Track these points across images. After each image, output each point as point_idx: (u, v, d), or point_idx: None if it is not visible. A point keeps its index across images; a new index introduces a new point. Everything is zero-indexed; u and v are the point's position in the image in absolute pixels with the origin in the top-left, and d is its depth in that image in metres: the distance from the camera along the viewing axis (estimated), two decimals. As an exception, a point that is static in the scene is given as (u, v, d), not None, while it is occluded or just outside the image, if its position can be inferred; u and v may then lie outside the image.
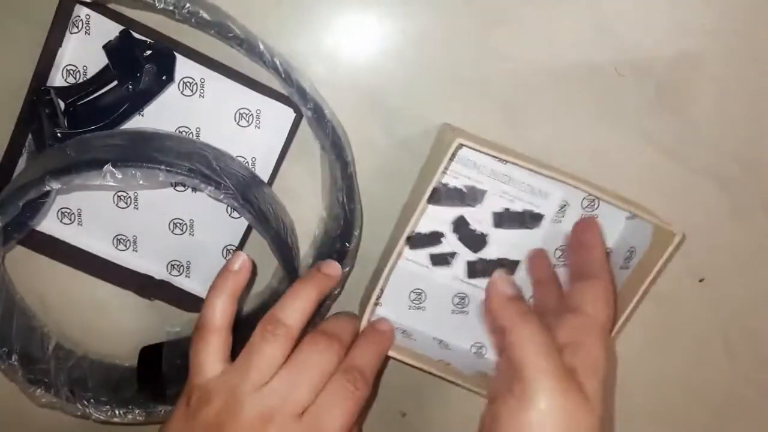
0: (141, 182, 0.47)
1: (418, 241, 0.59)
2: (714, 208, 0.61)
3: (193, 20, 0.48)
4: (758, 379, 0.66)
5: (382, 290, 0.53)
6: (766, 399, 0.67)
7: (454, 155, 0.49)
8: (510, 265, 0.60)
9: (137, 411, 0.57)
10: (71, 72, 0.56)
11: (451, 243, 0.59)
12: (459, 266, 0.60)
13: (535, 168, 0.50)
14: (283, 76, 0.50)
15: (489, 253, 0.59)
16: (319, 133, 0.54)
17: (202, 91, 0.56)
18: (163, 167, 0.48)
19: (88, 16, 0.54)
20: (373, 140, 0.59)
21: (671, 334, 0.65)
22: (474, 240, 0.59)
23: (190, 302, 0.62)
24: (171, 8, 0.47)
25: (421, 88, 0.58)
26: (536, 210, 0.58)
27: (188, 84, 0.56)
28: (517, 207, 0.58)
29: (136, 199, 0.60)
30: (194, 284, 0.62)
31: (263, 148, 0.58)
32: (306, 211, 0.60)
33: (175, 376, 0.56)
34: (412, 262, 0.60)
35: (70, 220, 0.60)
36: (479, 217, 0.58)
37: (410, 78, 0.58)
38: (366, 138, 0.58)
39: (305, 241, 0.61)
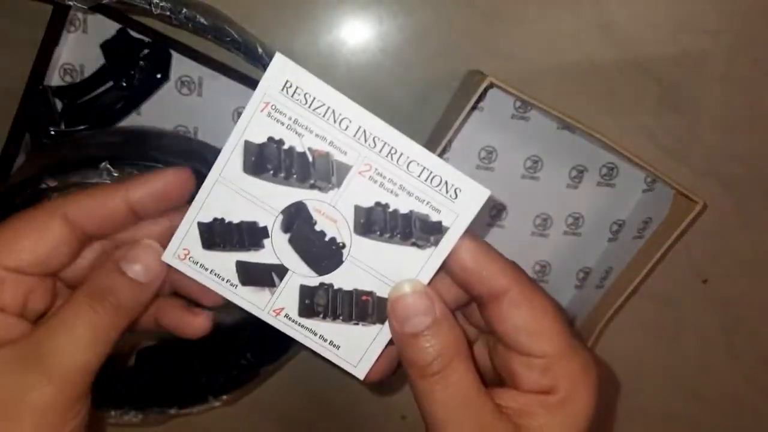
0: (137, 180, 0.47)
1: (219, 234, 0.34)
2: (717, 208, 0.60)
3: (189, 25, 0.47)
4: (760, 380, 0.66)
5: None
6: (766, 399, 0.66)
7: (482, 96, 0.48)
8: (377, 308, 0.35)
9: (133, 412, 0.57)
10: (68, 71, 0.55)
11: (280, 249, 0.35)
12: (289, 295, 0.35)
13: (568, 119, 0.49)
14: None
15: (342, 279, 0.35)
16: None
17: (199, 89, 0.56)
18: (159, 166, 0.47)
19: (85, 15, 0.54)
20: None
21: (674, 334, 0.64)
22: (318, 252, 0.35)
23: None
24: (167, 13, 0.46)
25: (422, 87, 0.57)
26: (435, 217, 0.33)
27: (186, 83, 0.56)
28: (404, 205, 0.33)
29: None
30: None
31: None
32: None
33: (172, 377, 0.56)
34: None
35: None
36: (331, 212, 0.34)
37: (410, 77, 0.57)
38: None
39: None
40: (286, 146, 0.33)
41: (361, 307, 0.35)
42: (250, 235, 0.34)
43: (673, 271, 0.61)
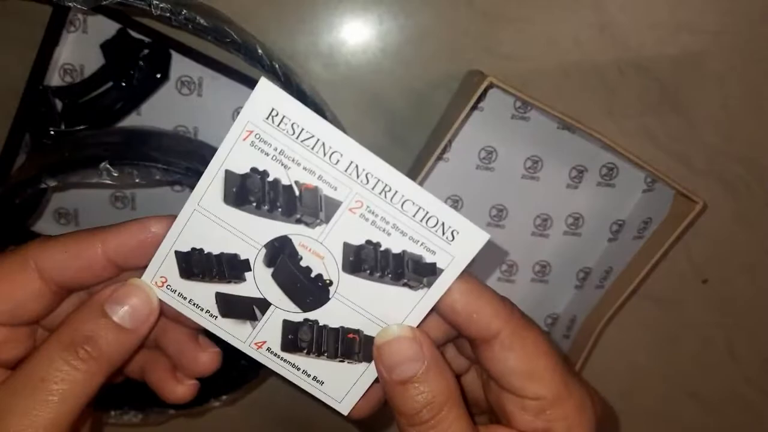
0: (137, 180, 0.46)
1: (197, 264, 0.33)
2: (717, 208, 0.60)
3: (189, 26, 0.47)
4: (761, 380, 0.66)
5: None
6: (766, 399, 0.66)
7: (482, 96, 0.48)
8: (363, 345, 0.34)
9: (133, 412, 0.57)
10: (68, 71, 0.55)
11: (262, 282, 0.33)
12: (271, 329, 0.34)
13: (568, 119, 0.49)
14: (282, 80, 0.50)
15: (328, 316, 0.33)
16: None
17: (199, 90, 0.56)
18: (159, 166, 0.47)
19: (85, 16, 0.54)
20: (373, 139, 0.58)
21: (674, 334, 0.64)
22: (303, 288, 0.34)
23: None
24: (167, 15, 0.46)
25: (422, 87, 0.57)
26: (429, 258, 0.31)
27: (186, 83, 0.56)
28: (396, 245, 0.32)
29: (133, 200, 0.59)
30: None
31: None
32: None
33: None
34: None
35: (67, 220, 0.60)
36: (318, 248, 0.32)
37: (410, 77, 0.57)
38: (366, 137, 0.58)
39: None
40: (270, 178, 0.31)
41: (347, 345, 0.34)
42: (231, 267, 0.32)
43: (673, 272, 0.61)
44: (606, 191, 0.58)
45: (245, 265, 0.33)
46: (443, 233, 0.31)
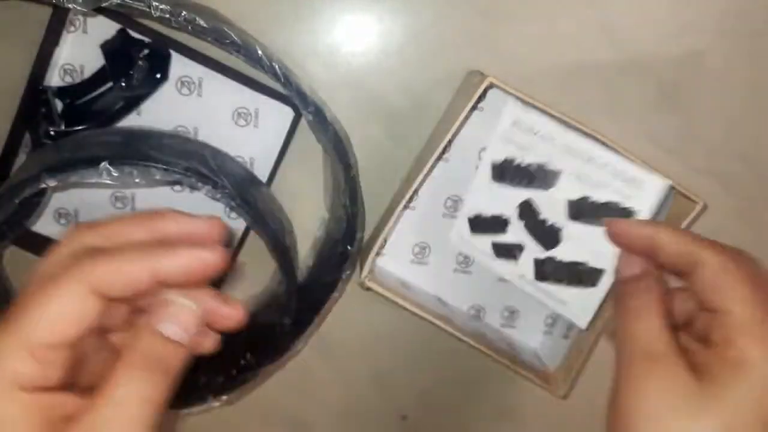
0: (137, 180, 0.47)
1: (480, 224, 0.52)
2: (717, 207, 0.60)
3: (189, 27, 0.47)
4: None
5: (386, 240, 0.52)
6: None
7: (482, 97, 0.49)
8: (589, 274, 0.48)
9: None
10: (68, 71, 0.55)
11: (517, 232, 0.51)
12: (526, 264, 0.51)
13: (567, 119, 0.49)
14: (282, 81, 0.50)
15: (563, 253, 0.49)
16: (321, 136, 0.53)
17: (199, 90, 0.56)
18: (159, 166, 0.47)
19: (85, 16, 0.53)
20: (373, 139, 0.58)
21: None
22: (544, 233, 0.49)
23: None
24: (167, 16, 0.46)
25: (422, 87, 0.57)
26: (626, 204, 0.46)
27: (186, 83, 0.56)
28: (600, 196, 0.47)
29: (133, 200, 0.59)
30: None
31: (262, 148, 0.58)
32: (306, 212, 0.60)
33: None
34: (476, 247, 0.53)
35: (67, 220, 0.60)
36: (552, 204, 0.49)
37: (410, 77, 0.57)
38: (366, 137, 0.58)
39: (305, 243, 0.60)
40: (515, 162, 0.49)
41: (578, 274, 0.48)
42: (499, 224, 0.51)
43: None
44: None
45: (507, 222, 0.51)
46: (634, 184, 0.45)
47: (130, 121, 0.56)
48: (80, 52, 0.55)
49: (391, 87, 0.57)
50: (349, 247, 0.56)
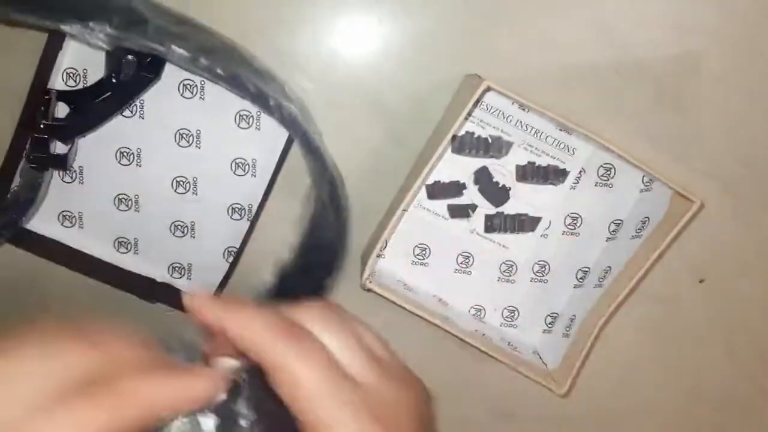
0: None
1: (438, 190, 0.59)
2: (715, 208, 0.60)
3: (206, 74, 0.47)
4: (759, 380, 0.66)
5: (386, 241, 0.53)
6: (766, 399, 0.66)
7: (479, 100, 0.50)
8: (530, 222, 0.60)
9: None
10: (71, 75, 0.56)
11: (471, 195, 0.59)
12: (477, 220, 0.60)
13: (563, 120, 0.50)
14: (289, 127, 0.50)
15: (510, 207, 0.59)
16: (321, 186, 0.52)
17: (202, 93, 0.56)
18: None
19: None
20: (372, 140, 0.59)
21: (672, 334, 0.64)
22: (496, 193, 0.59)
23: None
24: (187, 63, 0.46)
25: (421, 88, 0.58)
26: (561, 166, 0.58)
27: (188, 86, 0.56)
28: (543, 161, 0.58)
29: (137, 202, 0.60)
30: (196, 286, 0.62)
31: (264, 150, 0.58)
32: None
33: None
34: (429, 211, 0.59)
35: (71, 223, 0.60)
36: (502, 170, 0.58)
37: (410, 78, 0.57)
38: (366, 137, 0.58)
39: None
40: (475, 135, 0.57)
41: (519, 223, 0.60)
42: (456, 189, 0.59)
43: (671, 271, 0.61)
44: (604, 191, 0.59)
45: (463, 186, 0.59)
46: (567, 150, 0.58)
47: (133, 123, 0.56)
48: (83, 55, 0.55)
49: (391, 88, 0.58)
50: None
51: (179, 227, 0.60)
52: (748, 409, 0.66)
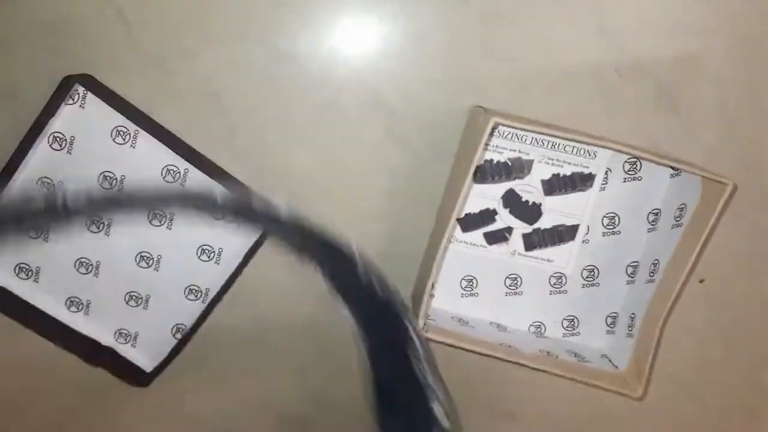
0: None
1: (470, 222, 0.59)
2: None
3: None
4: (758, 380, 0.64)
5: (433, 283, 0.52)
6: (766, 399, 0.64)
7: (491, 135, 0.50)
8: (568, 232, 0.59)
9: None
10: (57, 139, 0.55)
11: (504, 218, 0.59)
12: (516, 241, 0.59)
13: (578, 138, 0.50)
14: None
15: (544, 222, 0.59)
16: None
17: (183, 181, 0.57)
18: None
19: (85, 92, 0.54)
20: (373, 140, 0.58)
21: (672, 334, 0.60)
22: (528, 212, 0.58)
23: (133, 375, 0.60)
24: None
25: (422, 88, 0.57)
26: (586, 171, 0.58)
27: (171, 171, 0.56)
28: (566, 171, 0.58)
29: (97, 268, 0.59)
30: (139, 355, 0.61)
31: (232, 242, 0.58)
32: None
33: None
34: (466, 244, 0.59)
35: (27, 276, 0.59)
36: (529, 188, 0.58)
37: (410, 78, 0.57)
38: (366, 137, 0.58)
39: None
40: (494, 162, 0.57)
41: (558, 234, 0.59)
42: (488, 216, 0.58)
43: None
44: (634, 185, 0.58)
45: (494, 213, 0.58)
46: (591, 156, 0.58)
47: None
48: (73, 123, 0.55)
49: (391, 88, 0.57)
50: None
51: (134, 297, 0.60)
52: (747, 409, 0.65)
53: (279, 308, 0.61)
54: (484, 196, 0.58)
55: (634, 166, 0.58)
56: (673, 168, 0.56)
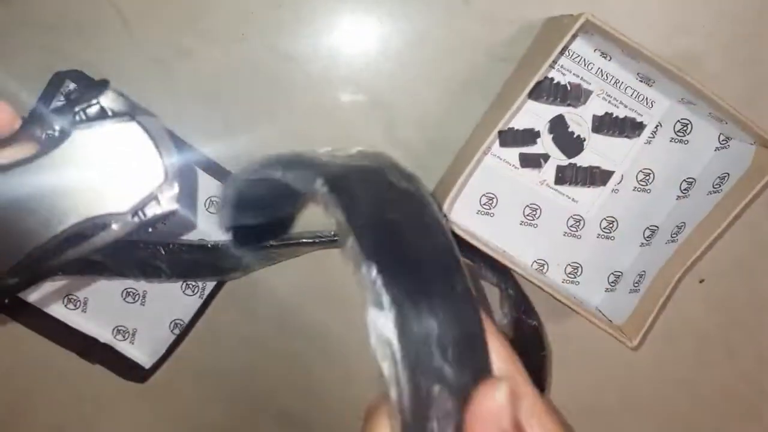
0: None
1: (511, 138, 0.56)
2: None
3: None
4: (758, 379, 0.66)
5: (462, 186, 0.50)
6: (766, 399, 0.66)
7: (572, 40, 0.48)
8: (601, 176, 0.57)
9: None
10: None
11: (545, 144, 0.56)
12: (548, 170, 0.57)
13: (658, 59, 0.47)
14: None
15: (582, 159, 0.57)
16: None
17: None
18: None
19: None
20: (373, 140, 0.57)
21: (672, 334, 0.63)
22: (570, 143, 0.56)
23: (132, 372, 0.61)
24: None
25: (422, 89, 0.56)
26: (639, 119, 0.55)
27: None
28: (620, 113, 0.56)
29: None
30: (137, 352, 0.61)
31: None
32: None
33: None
34: (499, 159, 0.57)
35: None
36: (579, 119, 0.56)
37: (410, 78, 0.56)
38: (366, 137, 0.57)
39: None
40: (555, 81, 0.54)
41: (591, 176, 0.57)
42: (530, 137, 0.56)
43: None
44: (679, 148, 0.55)
45: (537, 134, 0.56)
46: (647, 103, 0.55)
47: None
48: None
49: (391, 88, 0.56)
50: None
51: (131, 294, 0.60)
52: (747, 409, 0.67)
53: (277, 304, 0.61)
54: (531, 114, 0.55)
55: (686, 127, 0.54)
56: (722, 138, 0.54)
